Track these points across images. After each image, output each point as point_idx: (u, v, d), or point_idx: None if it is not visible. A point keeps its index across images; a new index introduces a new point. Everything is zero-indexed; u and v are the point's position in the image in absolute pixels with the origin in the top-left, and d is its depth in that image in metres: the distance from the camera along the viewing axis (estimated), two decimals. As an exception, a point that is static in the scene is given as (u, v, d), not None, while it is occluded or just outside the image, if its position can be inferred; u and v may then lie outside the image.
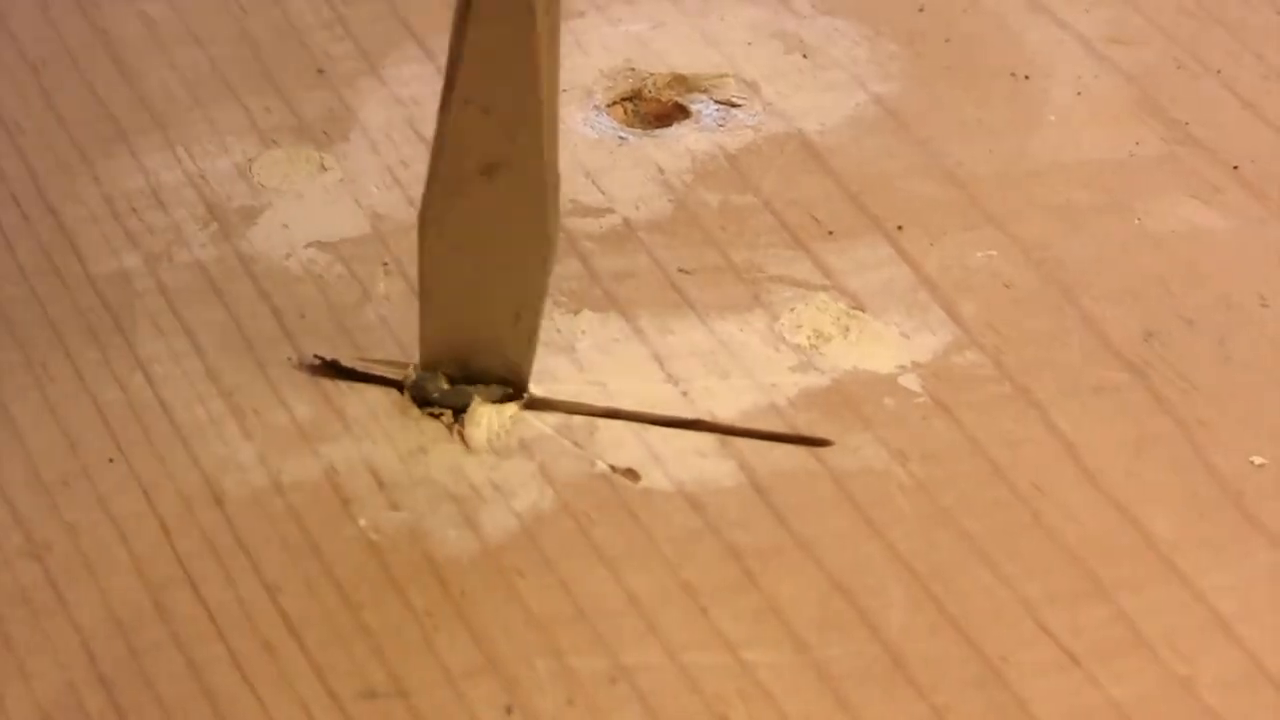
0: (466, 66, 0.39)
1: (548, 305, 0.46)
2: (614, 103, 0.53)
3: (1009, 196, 0.50)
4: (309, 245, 0.48)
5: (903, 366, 0.45)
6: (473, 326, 0.43)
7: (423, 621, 0.40)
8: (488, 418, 0.44)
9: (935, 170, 0.50)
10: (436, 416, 0.44)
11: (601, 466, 0.43)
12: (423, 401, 0.44)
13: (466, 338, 0.43)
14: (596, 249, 0.48)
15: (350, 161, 0.50)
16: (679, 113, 0.52)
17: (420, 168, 0.50)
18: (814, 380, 0.45)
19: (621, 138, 0.51)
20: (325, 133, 0.51)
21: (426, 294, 0.42)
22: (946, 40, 0.54)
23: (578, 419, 0.44)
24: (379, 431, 0.44)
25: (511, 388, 0.44)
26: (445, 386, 0.43)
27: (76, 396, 0.44)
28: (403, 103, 0.52)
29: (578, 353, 0.46)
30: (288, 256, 0.48)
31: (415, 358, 0.44)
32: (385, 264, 0.47)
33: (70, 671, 0.39)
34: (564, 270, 0.47)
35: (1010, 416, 0.44)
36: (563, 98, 0.52)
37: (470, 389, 0.44)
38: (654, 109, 0.53)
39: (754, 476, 0.43)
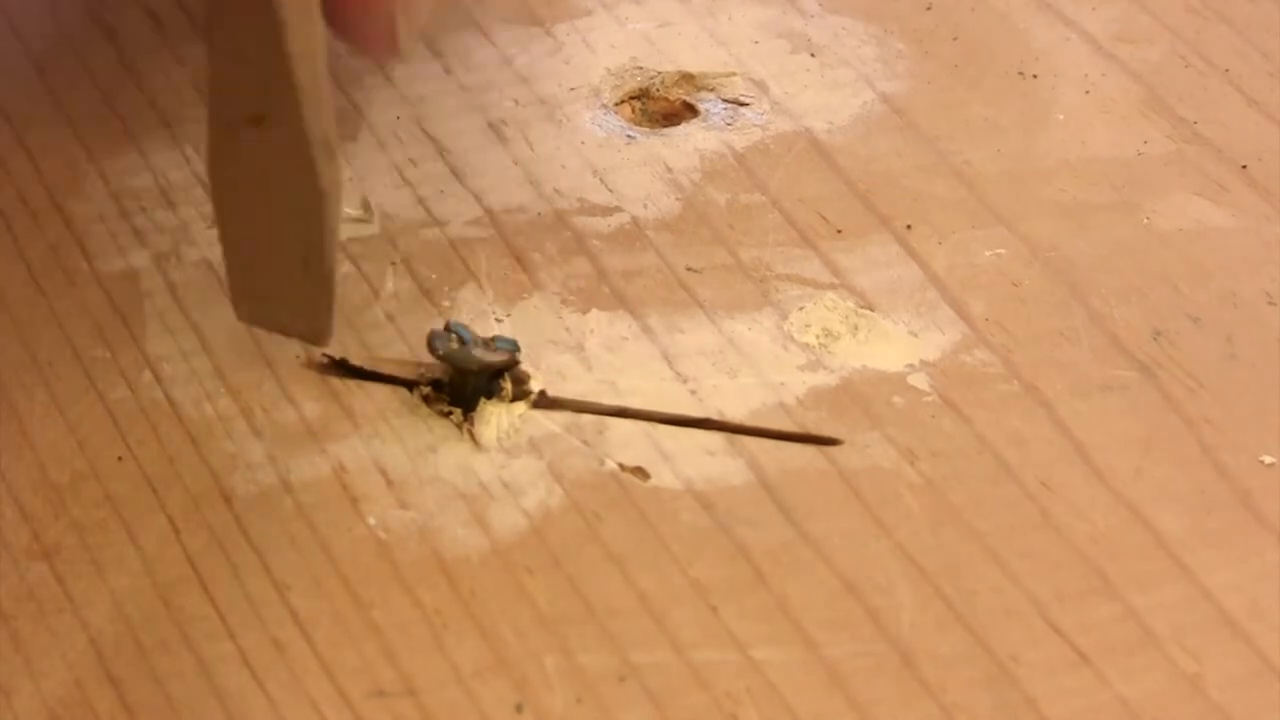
0: (217, 17, 0.38)
1: (555, 303, 0.46)
2: (621, 101, 0.53)
3: (1017, 195, 0.50)
4: (317, 244, 0.48)
5: (911, 365, 0.45)
6: (267, 271, 0.42)
7: (432, 620, 0.40)
8: (497, 416, 0.44)
9: (943, 169, 0.50)
10: (446, 415, 0.44)
11: (610, 465, 0.43)
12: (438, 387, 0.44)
13: (262, 281, 0.42)
14: (605, 248, 0.48)
15: (358, 160, 0.50)
16: (687, 111, 0.52)
17: (428, 167, 0.50)
18: (823, 379, 0.45)
19: (629, 136, 0.51)
20: (333, 131, 0.51)
21: (223, 234, 0.42)
22: (954, 39, 0.54)
23: (586, 417, 0.44)
24: (388, 430, 0.44)
25: (307, 336, 0.43)
26: (454, 345, 0.43)
27: (84, 395, 0.44)
28: (410, 102, 0.52)
29: (586, 351, 0.46)
30: (296, 255, 0.48)
31: (424, 357, 0.44)
32: (393, 263, 0.47)
33: (79, 670, 0.39)
34: (572, 269, 0.47)
35: (1019, 415, 0.44)
36: (570, 96, 0.52)
37: (477, 351, 0.43)
38: (662, 108, 0.53)
39: (763, 475, 0.43)
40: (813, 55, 0.54)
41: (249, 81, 0.39)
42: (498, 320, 0.46)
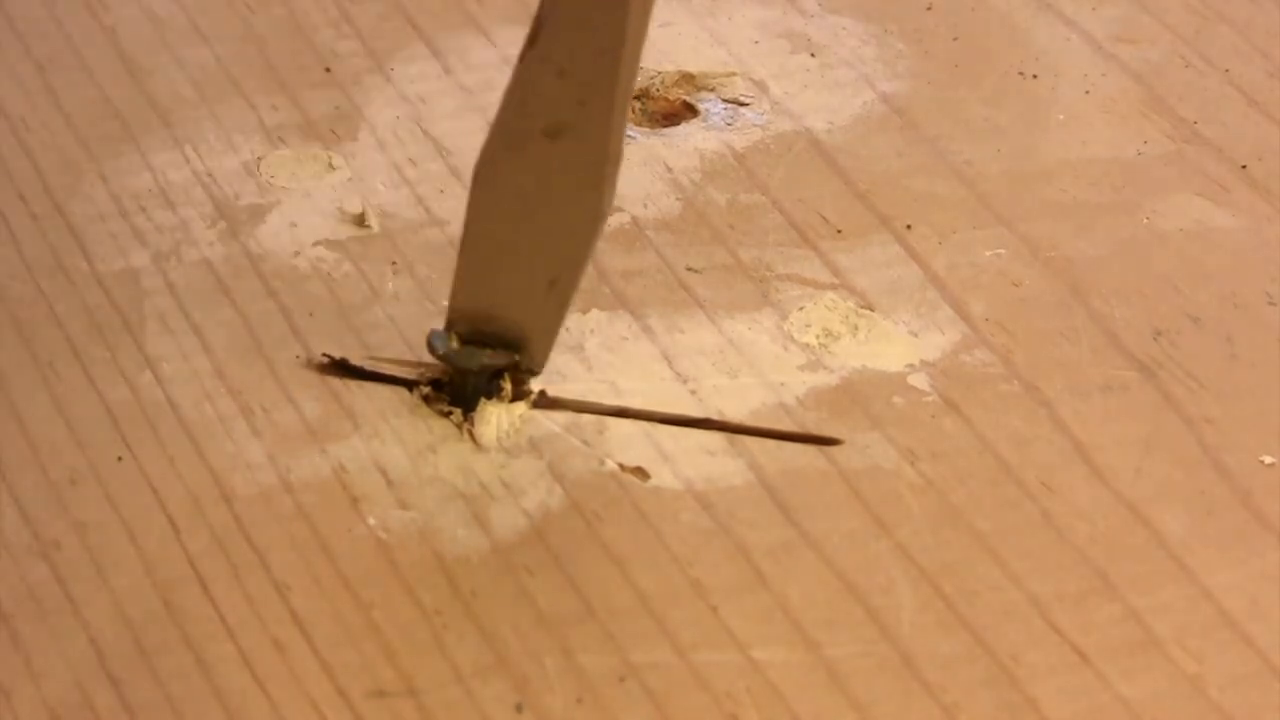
0: (552, 26, 0.38)
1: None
2: (621, 101, 0.53)
3: (1017, 195, 0.50)
4: (317, 244, 0.48)
5: (911, 365, 0.45)
6: (506, 288, 0.42)
7: (432, 620, 0.40)
8: (497, 416, 0.44)
9: (943, 169, 0.50)
10: (446, 415, 0.44)
11: (610, 465, 0.43)
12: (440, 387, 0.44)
13: (497, 299, 0.42)
14: (605, 248, 0.48)
15: (358, 160, 0.50)
16: (687, 111, 0.52)
17: (427, 166, 0.50)
18: (823, 379, 0.45)
19: (629, 136, 0.51)
20: (333, 131, 0.51)
21: (467, 248, 0.42)
22: (954, 39, 0.54)
23: (587, 417, 0.44)
24: (388, 430, 0.44)
25: (524, 360, 0.43)
26: (455, 345, 0.43)
27: (84, 395, 0.44)
28: (409, 101, 0.52)
29: (586, 351, 0.46)
30: (296, 255, 0.48)
31: (424, 357, 0.44)
32: (394, 263, 0.47)
33: (79, 670, 0.39)
34: (572, 269, 0.47)
35: (1019, 415, 0.44)
36: (570, 96, 0.52)
37: (480, 351, 0.43)
38: (662, 108, 0.53)
39: (763, 475, 0.43)
40: (813, 55, 0.54)
41: (563, 92, 0.39)
42: (498, 320, 0.46)
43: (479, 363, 0.43)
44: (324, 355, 0.45)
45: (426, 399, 0.44)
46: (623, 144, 0.40)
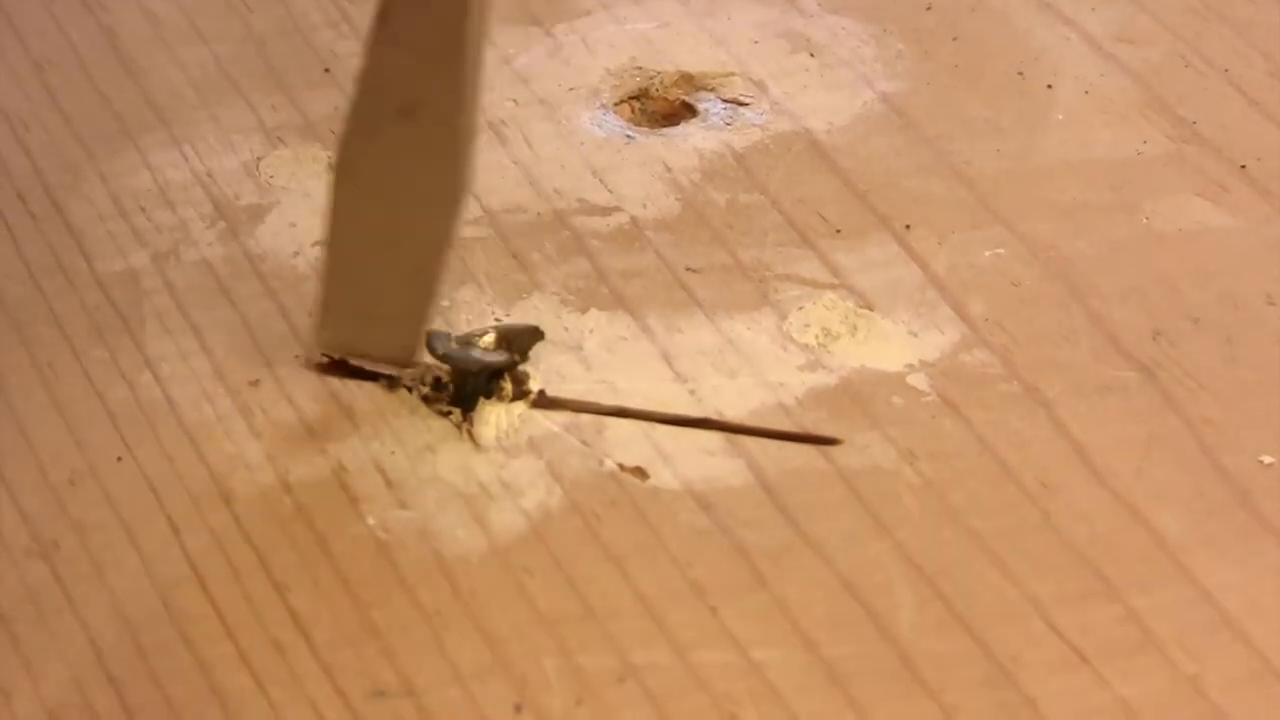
0: (400, 3, 0.39)
1: (555, 303, 0.46)
2: (621, 101, 0.53)
3: (1017, 195, 0.50)
4: (316, 244, 0.48)
5: (911, 365, 0.45)
6: (373, 280, 0.42)
7: (431, 620, 0.40)
8: (496, 416, 0.44)
9: (943, 169, 0.50)
10: (445, 415, 0.44)
11: (610, 465, 0.43)
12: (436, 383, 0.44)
13: (363, 298, 0.43)
14: (604, 248, 0.48)
15: (357, 160, 0.50)
16: (686, 111, 0.52)
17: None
18: (822, 379, 0.45)
19: (629, 136, 0.51)
20: (332, 131, 0.51)
21: (333, 243, 0.42)
22: (954, 39, 0.54)
23: (586, 417, 0.44)
24: (387, 430, 0.44)
25: (399, 359, 0.43)
26: (454, 346, 0.43)
27: (84, 395, 0.44)
28: (409, 101, 0.52)
29: (585, 351, 0.46)
30: (295, 255, 0.48)
31: (425, 357, 0.44)
32: (393, 263, 0.47)
33: (78, 670, 0.39)
34: (571, 269, 0.47)
35: (1018, 415, 0.44)
36: (570, 96, 0.52)
37: (479, 351, 0.43)
38: (661, 108, 0.53)
39: (762, 475, 0.43)
40: (812, 55, 0.54)
41: (412, 68, 0.39)
42: (497, 320, 0.46)
43: (478, 363, 0.43)
44: (323, 355, 0.45)
45: (426, 399, 0.44)
46: (476, 121, 0.41)
